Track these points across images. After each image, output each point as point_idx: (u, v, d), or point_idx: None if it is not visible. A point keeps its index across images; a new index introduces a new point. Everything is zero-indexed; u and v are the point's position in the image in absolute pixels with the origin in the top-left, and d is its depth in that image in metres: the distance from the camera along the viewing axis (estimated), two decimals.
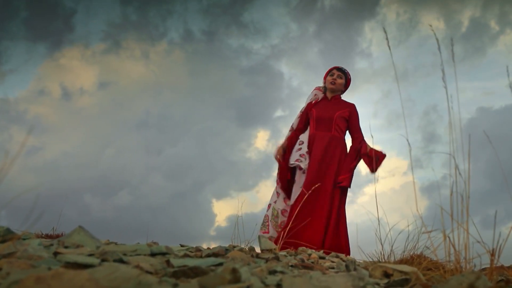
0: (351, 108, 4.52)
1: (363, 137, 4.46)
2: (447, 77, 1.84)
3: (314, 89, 4.66)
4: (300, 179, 4.33)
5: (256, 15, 12.50)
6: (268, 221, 4.38)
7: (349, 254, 4.00)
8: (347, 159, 4.36)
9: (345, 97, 4.68)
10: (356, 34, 12.47)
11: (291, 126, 4.65)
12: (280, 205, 4.43)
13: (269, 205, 4.48)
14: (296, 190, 4.30)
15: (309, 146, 4.40)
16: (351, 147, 4.45)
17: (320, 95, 4.61)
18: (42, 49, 12.22)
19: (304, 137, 4.50)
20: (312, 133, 4.44)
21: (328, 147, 4.33)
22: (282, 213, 4.37)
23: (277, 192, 4.49)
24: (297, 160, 4.35)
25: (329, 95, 4.58)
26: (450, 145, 1.81)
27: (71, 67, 12.38)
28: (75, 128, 11.99)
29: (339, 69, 4.61)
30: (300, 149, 4.43)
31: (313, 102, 4.57)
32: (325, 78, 4.64)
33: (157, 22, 12.60)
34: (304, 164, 4.31)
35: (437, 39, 1.80)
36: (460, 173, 1.75)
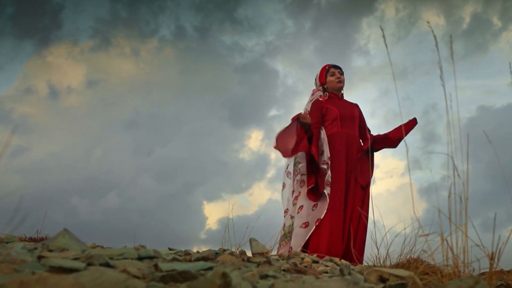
0: (358, 107, 4.40)
1: (373, 136, 4.34)
2: (447, 75, 1.81)
3: (316, 91, 4.33)
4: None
5: (250, 11, 12.44)
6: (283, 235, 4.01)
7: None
8: (367, 161, 4.17)
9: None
10: (354, 30, 12.37)
11: None
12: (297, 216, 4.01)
13: (286, 210, 4.12)
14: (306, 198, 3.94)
15: (332, 146, 4.05)
16: (364, 147, 4.25)
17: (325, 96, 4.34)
18: (29, 46, 12.06)
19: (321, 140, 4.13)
20: (336, 131, 4.13)
21: (356, 148, 4.17)
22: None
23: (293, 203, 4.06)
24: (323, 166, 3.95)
25: (338, 94, 4.33)
26: (449, 146, 1.79)
27: (58, 65, 12.23)
28: (62, 128, 11.88)
29: (336, 66, 4.35)
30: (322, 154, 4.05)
31: (322, 99, 4.25)
32: (323, 79, 4.33)
33: (148, 19, 12.50)
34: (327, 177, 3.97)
35: (434, 36, 1.78)
36: (458, 174, 1.73)
